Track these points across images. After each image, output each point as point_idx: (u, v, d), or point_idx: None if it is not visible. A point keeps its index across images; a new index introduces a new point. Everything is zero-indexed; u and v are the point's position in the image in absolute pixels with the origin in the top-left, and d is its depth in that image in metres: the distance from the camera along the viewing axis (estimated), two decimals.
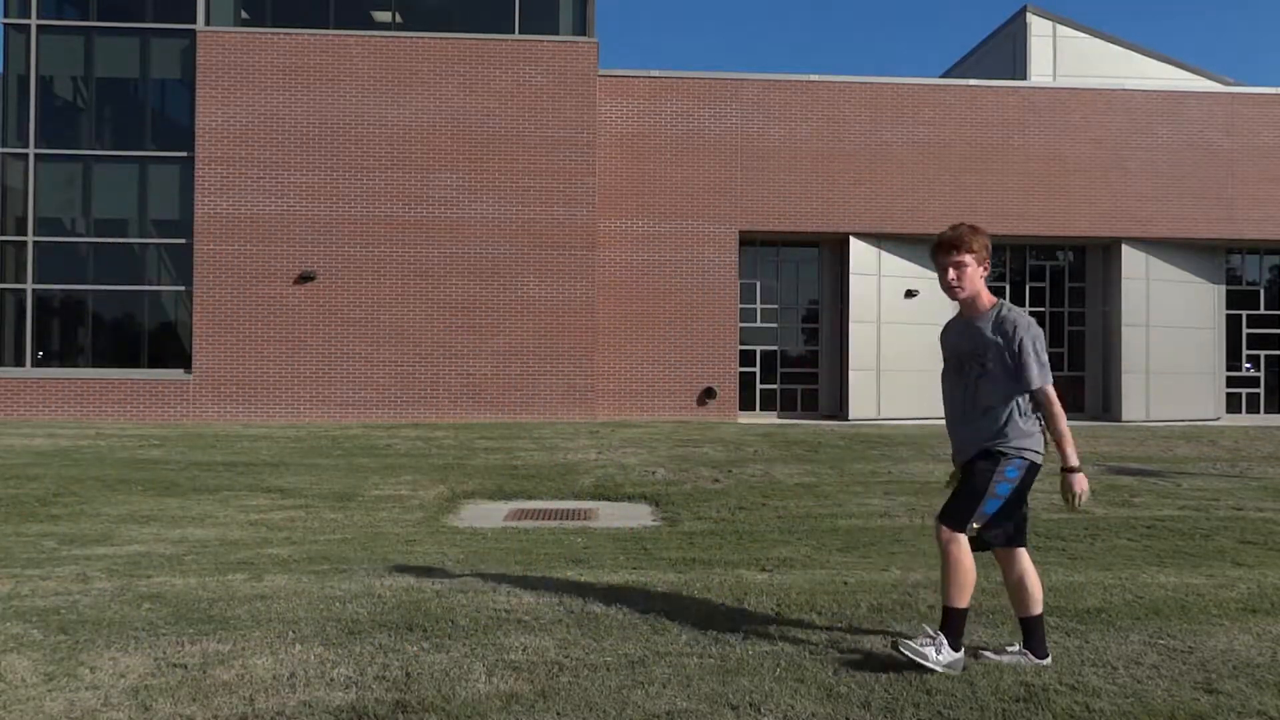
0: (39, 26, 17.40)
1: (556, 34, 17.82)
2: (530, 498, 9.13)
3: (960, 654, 3.73)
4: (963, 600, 3.70)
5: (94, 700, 3.41)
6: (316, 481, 9.61)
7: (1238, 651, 4.04)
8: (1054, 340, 20.22)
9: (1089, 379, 20.24)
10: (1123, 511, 7.96)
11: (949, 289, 3.85)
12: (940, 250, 3.85)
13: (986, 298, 3.86)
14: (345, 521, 7.54)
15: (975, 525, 3.78)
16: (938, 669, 3.64)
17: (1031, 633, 3.85)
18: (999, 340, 3.75)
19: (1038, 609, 3.84)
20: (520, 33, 17.65)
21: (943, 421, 4.09)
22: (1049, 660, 3.83)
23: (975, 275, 3.83)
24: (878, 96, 18.84)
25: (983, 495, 3.72)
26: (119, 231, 17.59)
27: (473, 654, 3.92)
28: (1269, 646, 4.11)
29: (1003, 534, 3.84)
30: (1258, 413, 20.31)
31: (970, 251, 3.80)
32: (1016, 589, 3.86)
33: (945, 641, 3.70)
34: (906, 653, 3.65)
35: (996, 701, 3.44)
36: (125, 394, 16.97)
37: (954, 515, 3.75)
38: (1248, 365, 20.43)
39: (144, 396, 16.99)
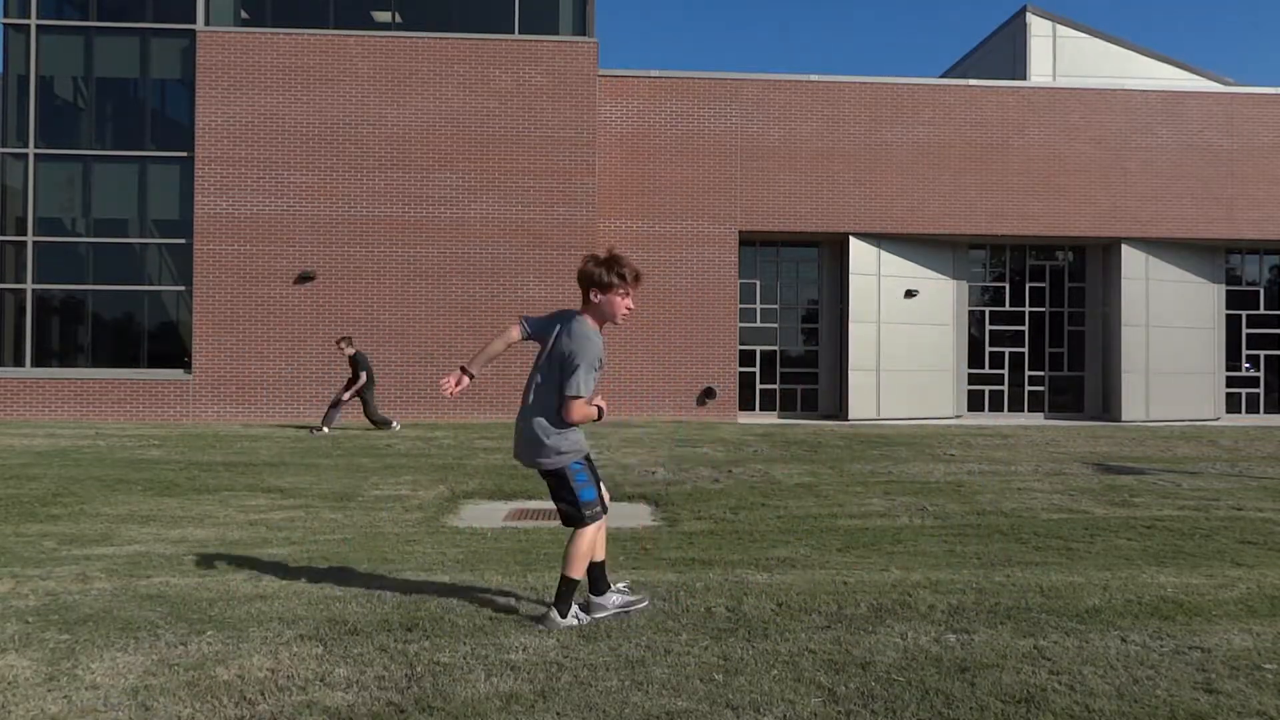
0: (39, 26, 17.40)
1: (556, 34, 17.81)
2: (530, 498, 9.12)
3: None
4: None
5: (94, 700, 3.41)
6: (316, 481, 9.61)
7: (1237, 651, 4.04)
8: (1054, 340, 20.22)
9: (1089, 379, 20.23)
10: (1123, 511, 7.96)
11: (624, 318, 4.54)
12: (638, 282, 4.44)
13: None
14: (345, 521, 7.53)
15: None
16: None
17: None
18: None
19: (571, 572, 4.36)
20: (520, 33, 17.65)
21: (941, 421, 4.15)
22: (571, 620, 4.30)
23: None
24: (877, 96, 18.84)
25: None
26: (119, 231, 17.59)
27: (473, 654, 3.92)
28: (1268, 646, 4.11)
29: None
30: (1257, 413, 20.32)
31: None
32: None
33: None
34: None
35: (996, 702, 3.44)
36: (125, 394, 16.98)
37: None
38: (1247, 365, 20.43)
39: (144, 396, 17.00)
